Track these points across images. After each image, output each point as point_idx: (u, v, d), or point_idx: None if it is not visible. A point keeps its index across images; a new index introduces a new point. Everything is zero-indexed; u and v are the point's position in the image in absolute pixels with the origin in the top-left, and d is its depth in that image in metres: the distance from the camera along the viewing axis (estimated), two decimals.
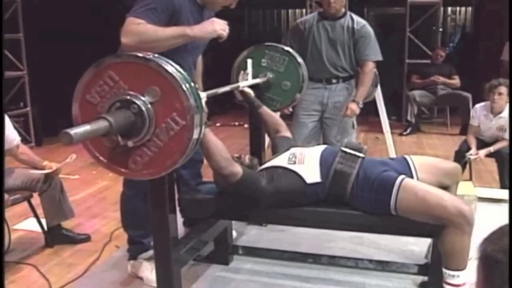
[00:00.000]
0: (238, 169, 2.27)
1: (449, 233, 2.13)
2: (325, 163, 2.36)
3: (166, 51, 2.15)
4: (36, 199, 3.22)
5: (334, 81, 3.66)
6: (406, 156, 2.50)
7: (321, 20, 3.61)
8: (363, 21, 3.62)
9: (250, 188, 2.33)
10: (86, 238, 3.34)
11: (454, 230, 2.11)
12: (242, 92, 2.89)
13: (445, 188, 2.36)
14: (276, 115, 2.97)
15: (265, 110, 2.92)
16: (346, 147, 2.40)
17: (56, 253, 3.17)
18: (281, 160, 2.45)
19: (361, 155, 2.37)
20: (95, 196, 4.36)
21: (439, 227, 2.16)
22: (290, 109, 3.64)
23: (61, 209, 3.25)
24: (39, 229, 3.28)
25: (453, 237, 2.13)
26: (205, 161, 2.91)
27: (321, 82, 3.65)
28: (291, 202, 2.38)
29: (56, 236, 3.28)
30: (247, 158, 2.57)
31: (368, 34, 3.59)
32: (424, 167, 2.42)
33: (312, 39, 3.61)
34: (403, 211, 2.21)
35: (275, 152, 2.66)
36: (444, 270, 2.21)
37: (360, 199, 2.29)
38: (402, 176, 2.26)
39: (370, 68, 3.61)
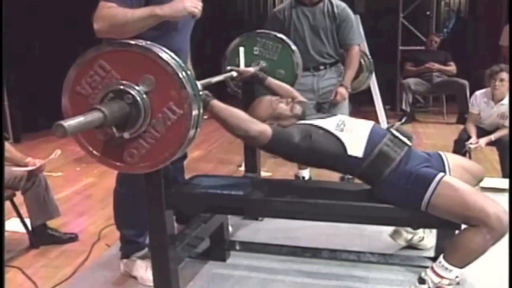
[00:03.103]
0: (264, 127, 2.25)
1: (475, 232, 2.11)
2: (372, 140, 2.34)
3: (157, 36, 2.13)
4: (19, 198, 3.20)
5: (321, 67, 3.73)
6: (441, 154, 2.51)
7: (299, 6, 3.64)
8: (342, 4, 3.67)
9: (283, 144, 2.33)
10: (73, 238, 3.31)
11: (483, 232, 2.09)
12: (241, 73, 2.91)
13: None
14: (284, 83, 2.98)
15: (272, 81, 2.94)
16: (396, 130, 2.39)
17: (42, 254, 3.15)
18: (327, 123, 2.42)
19: (409, 143, 2.37)
20: (80, 193, 4.33)
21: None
22: None
23: (46, 207, 3.22)
24: (23, 230, 3.25)
25: (477, 237, 2.11)
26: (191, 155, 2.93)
27: (308, 70, 3.68)
28: (323, 164, 2.41)
29: (42, 237, 3.25)
30: (297, 107, 2.57)
31: (349, 17, 3.66)
32: (456, 168, 2.45)
33: (294, 28, 3.65)
34: (436, 207, 2.19)
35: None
36: (441, 259, 2.22)
37: (393, 186, 2.27)
38: (442, 173, 2.25)
39: (356, 51, 3.74)
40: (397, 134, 2.37)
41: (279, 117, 2.50)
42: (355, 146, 2.33)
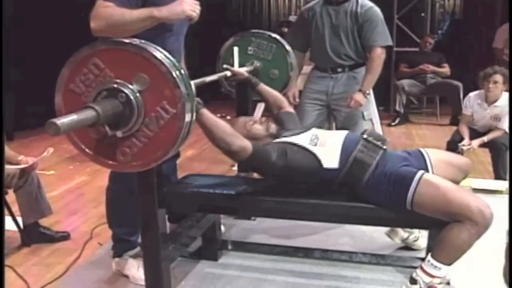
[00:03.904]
0: (246, 143, 2.25)
1: (459, 228, 2.14)
2: (346, 149, 2.36)
3: (151, 37, 2.13)
4: (11, 196, 3.19)
5: (339, 70, 3.54)
6: (422, 151, 2.53)
7: (325, 5, 3.50)
8: (369, 4, 3.46)
9: (260, 161, 2.34)
10: (66, 236, 3.31)
11: (467, 227, 2.12)
12: (235, 74, 2.92)
13: (455, 183, 2.40)
14: (275, 91, 2.98)
15: (264, 87, 2.96)
16: (369, 136, 2.41)
17: (33, 253, 3.15)
18: (301, 139, 2.44)
19: (383, 146, 2.39)
20: (73, 192, 4.33)
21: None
22: (297, 100, 3.64)
23: (38, 206, 3.22)
24: (14, 228, 3.24)
25: (462, 233, 2.13)
26: (184, 154, 2.94)
27: (326, 71, 3.57)
28: (300, 181, 2.41)
29: (33, 235, 3.24)
30: (272, 125, 2.62)
31: (375, 17, 3.43)
32: (439, 163, 2.47)
33: (315, 26, 3.52)
34: (419, 205, 2.21)
35: (284, 127, 2.67)
36: (429, 257, 2.24)
37: (375, 191, 2.30)
38: (422, 171, 2.28)
39: (378, 54, 3.43)
40: (370, 139, 2.39)
41: (255, 138, 2.51)
42: (330, 158, 2.36)
